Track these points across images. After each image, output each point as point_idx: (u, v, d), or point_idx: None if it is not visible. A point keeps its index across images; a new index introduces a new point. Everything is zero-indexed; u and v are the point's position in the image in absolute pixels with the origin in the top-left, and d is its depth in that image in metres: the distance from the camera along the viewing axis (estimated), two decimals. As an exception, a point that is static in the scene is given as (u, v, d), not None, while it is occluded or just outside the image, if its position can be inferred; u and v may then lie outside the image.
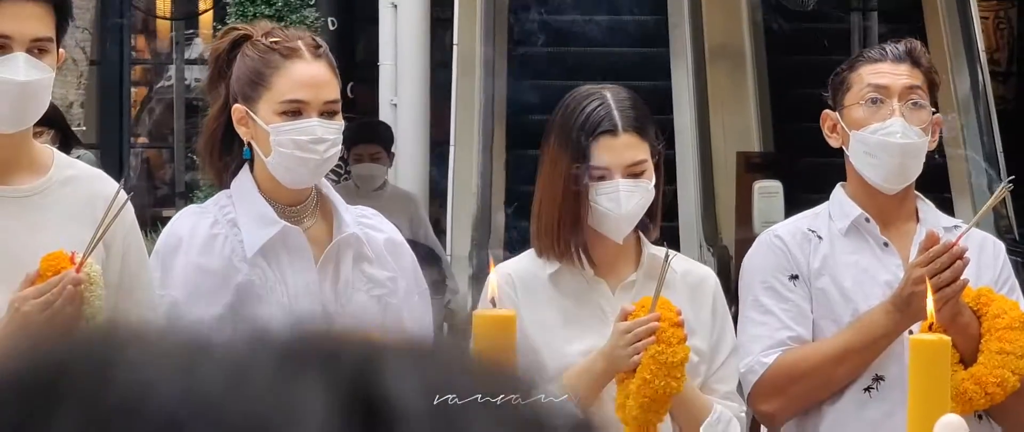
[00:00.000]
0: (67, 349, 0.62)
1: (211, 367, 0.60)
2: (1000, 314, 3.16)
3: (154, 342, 0.62)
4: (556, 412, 0.63)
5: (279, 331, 0.63)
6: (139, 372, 0.59)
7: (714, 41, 10.85)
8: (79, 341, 0.63)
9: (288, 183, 3.04)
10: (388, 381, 0.59)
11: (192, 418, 0.58)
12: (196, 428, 0.57)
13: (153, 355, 0.61)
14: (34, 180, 3.02)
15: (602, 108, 3.16)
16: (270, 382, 0.59)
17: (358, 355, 0.61)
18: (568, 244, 3.18)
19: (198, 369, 0.60)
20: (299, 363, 0.61)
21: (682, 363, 2.98)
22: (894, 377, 3.22)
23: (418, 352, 0.62)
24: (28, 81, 2.91)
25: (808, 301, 3.31)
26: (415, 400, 0.59)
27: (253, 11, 9.24)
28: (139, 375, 0.59)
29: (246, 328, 0.62)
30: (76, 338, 0.63)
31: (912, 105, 3.29)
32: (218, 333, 0.62)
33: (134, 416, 0.58)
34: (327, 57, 3.07)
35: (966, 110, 9.82)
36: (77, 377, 0.60)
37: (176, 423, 0.57)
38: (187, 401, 0.58)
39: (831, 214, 3.36)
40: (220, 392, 0.59)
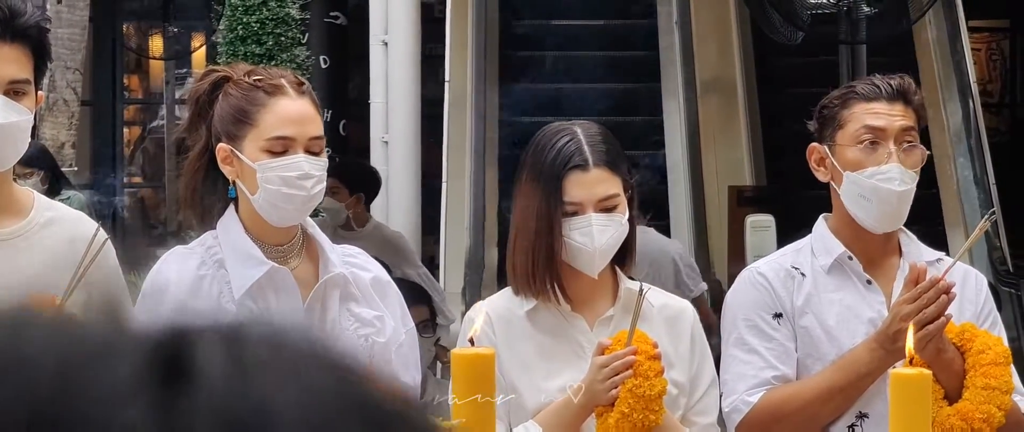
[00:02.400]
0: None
1: (30, 328, 0.65)
2: (984, 349, 3.15)
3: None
4: (358, 391, 0.66)
5: None
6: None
7: (705, 75, 10.87)
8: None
9: (275, 221, 3.04)
10: (193, 348, 0.64)
11: (1, 366, 0.63)
12: (4, 375, 0.62)
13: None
14: (14, 223, 3.01)
15: (572, 143, 3.16)
16: (82, 342, 0.65)
17: (170, 328, 0.66)
18: (543, 281, 3.17)
19: (18, 329, 0.65)
20: (113, 330, 0.66)
21: (660, 396, 2.98)
22: (878, 414, 3.20)
23: (227, 330, 0.66)
24: (5, 124, 2.90)
25: (792, 340, 3.29)
26: (217, 367, 0.63)
27: (244, 50, 9.26)
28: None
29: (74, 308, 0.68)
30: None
31: (907, 147, 3.27)
32: (41, 309, 0.68)
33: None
34: (310, 94, 3.08)
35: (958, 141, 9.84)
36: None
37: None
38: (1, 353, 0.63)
39: (813, 250, 3.35)
40: (34, 347, 0.64)
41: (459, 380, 2.67)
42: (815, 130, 3.36)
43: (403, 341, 3.14)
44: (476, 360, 2.65)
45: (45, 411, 0.61)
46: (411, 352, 3.17)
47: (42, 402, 0.61)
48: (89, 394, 0.61)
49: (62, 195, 6.56)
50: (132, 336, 0.65)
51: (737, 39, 11.05)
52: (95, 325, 0.66)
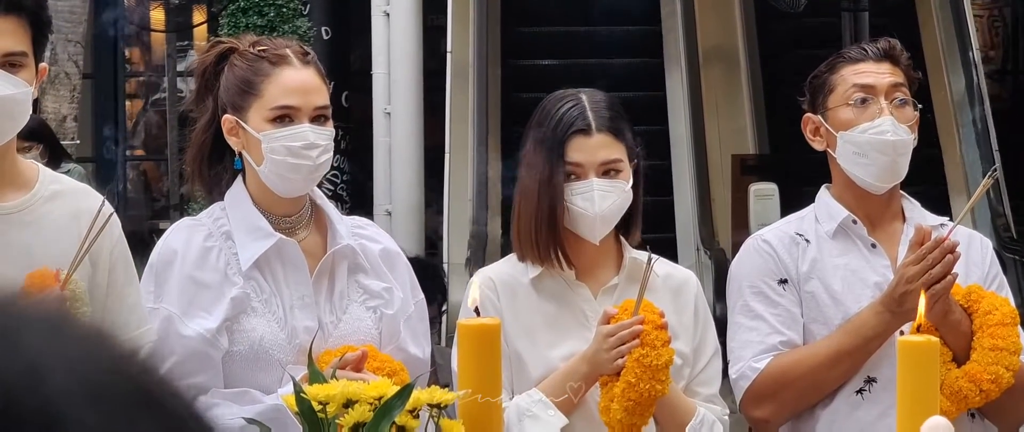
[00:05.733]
0: None
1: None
2: (991, 310, 3.15)
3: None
4: (106, 347, 0.68)
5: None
6: None
7: (708, 44, 10.85)
8: None
9: (281, 191, 3.03)
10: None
11: None
12: None
13: None
14: (19, 196, 3.00)
15: (576, 109, 3.17)
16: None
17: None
18: (547, 247, 3.18)
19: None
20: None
21: (667, 366, 2.98)
22: (886, 378, 3.21)
23: (7, 303, 0.68)
24: (2, 97, 2.89)
25: (798, 305, 3.30)
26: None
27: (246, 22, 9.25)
28: None
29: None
30: None
31: (898, 103, 3.29)
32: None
33: None
34: (315, 64, 3.07)
35: (961, 108, 9.83)
36: None
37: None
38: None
39: (817, 217, 3.36)
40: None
41: (465, 350, 2.67)
42: (807, 102, 3.37)
43: (412, 313, 3.14)
44: (482, 330, 2.65)
45: None
46: (420, 323, 3.17)
47: None
48: None
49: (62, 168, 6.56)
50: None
51: (739, 7, 11.03)
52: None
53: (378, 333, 3.06)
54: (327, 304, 3.05)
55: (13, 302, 0.67)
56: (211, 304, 2.98)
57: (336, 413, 2.53)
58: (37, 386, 0.63)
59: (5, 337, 0.64)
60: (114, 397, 0.65)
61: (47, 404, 0.62)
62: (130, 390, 0.66)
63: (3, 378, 0.62)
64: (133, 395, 0.66)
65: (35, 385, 0.63)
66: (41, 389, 0.63)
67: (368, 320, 3.06)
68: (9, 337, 0.64)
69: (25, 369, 0.63)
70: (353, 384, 2.57)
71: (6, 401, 0.62)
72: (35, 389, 0.62)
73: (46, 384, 0.63)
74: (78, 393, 0.63)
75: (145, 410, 0.66)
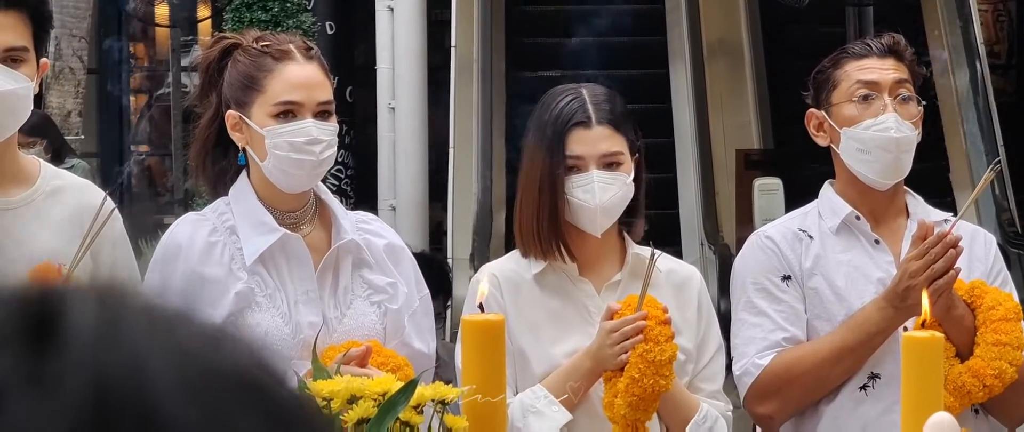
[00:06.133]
0: None
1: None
2: (995, 306, 3.15)
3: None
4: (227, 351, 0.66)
5: None
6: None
7: (712, 38, 10.85)
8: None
9: (285, 187, 3.04)
10: (65, 306, 0.63)
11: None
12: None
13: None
14: (20, 191, 3.01)
15: (576, 102, 3.17)
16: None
17: (43, 287, 0.66)
18: (549, 241, 3.18)
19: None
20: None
21: (670, 361, 2.98)
22: (890, 374, 3.21)
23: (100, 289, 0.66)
24: (2, 91, 2.89)
25: (801, 301, 3.30)
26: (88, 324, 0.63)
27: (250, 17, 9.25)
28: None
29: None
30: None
31: (902, 99, 3.29)
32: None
33: None
34: (319, 59, 3.07)
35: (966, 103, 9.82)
36: None
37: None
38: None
39: (821, 213, 3.36)
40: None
41: (469, 346, 2.67)
42: (811, 97, 3.37)
43: (417, 308, 3.14)
44: (486, 326, 2.65)
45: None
46: (425, 319, 3.17)
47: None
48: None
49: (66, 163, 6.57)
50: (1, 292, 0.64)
51: (744, 1, 11.02)
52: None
53: (382, 328, 3.06)
54: (331, 299, 3.05)
55: (114, 292, 0.66)
56: (215, 299, 2.98)
57: (340, 409, 2.53)
58: (137, 380, 0.62)
59: (106, 329, 0.63)
60: (216, 391, 0.64)
61: (146, 399, 0.62)
62: (234, 384, 0.65)
63: (103, 371, 0.61)
64: (236, 388, 0.65)
65: (135, 379, 0.62)
66: (141, 383, 0.62)
67: (372, 315, 3.06)
68: (110, 329, 0.63)
69: (126, 362, 0.62)
70: (357, 380, 2.57)
71: (105, 395, 0.61)
72: (135, 383, 0.62)
73: (147, 378, 0.62)
74: (179, 388, 0.62)
75: (249, 404, 0.65)
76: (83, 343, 0.62)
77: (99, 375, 0.61)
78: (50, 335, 0.62)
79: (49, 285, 0.65)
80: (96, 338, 0.62)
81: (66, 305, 0.63)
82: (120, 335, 0.63)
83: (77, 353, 0.61)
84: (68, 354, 0.61)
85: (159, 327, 0.65)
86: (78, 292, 0.65)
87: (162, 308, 0.67)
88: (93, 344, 0.62)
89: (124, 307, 0.65)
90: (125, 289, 0.67)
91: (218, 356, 0.65)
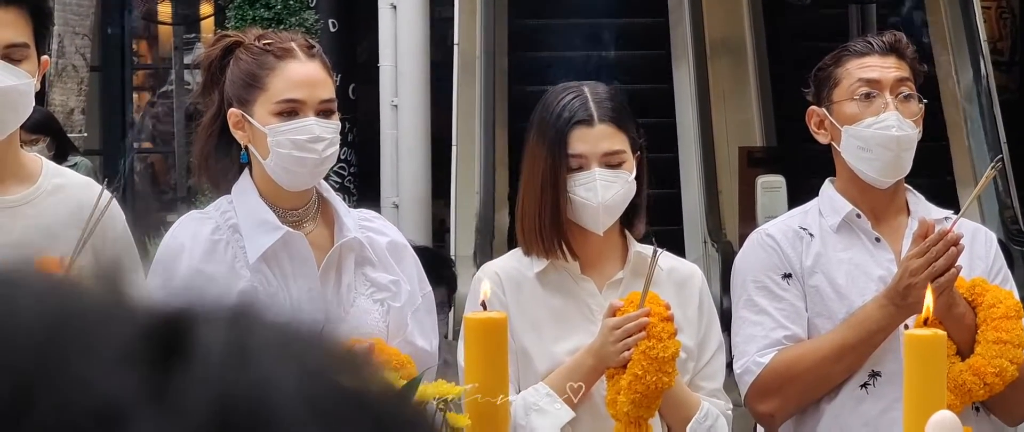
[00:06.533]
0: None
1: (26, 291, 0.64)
2: (995, 303, 3.15)
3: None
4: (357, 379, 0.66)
5: None
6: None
7: (715, 35, 10.85)
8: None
9: (287, 185, 3.04)
10: (194, 325, 0.63)
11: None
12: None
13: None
14: (22, 190, 3.01)
15: (578, 100, 3.17)
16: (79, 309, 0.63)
17: (172, 304, 0.65)
18: (551, 238, 3.18)
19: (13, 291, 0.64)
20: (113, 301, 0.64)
21: (673, 358, 2.98)
22: (891, 372, 3.21)
23: (232, 309, 0.66)
24: (3, 87, 2.90)
25: (802, 299, 3.30)
26: (217, 345, 0.62)
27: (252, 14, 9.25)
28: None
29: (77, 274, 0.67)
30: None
31: (903, 97, 3.29)
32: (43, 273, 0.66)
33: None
34: (321, 57, 3.07)
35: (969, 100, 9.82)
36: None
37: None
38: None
39: (821, 211, 3.36)
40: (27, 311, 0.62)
41: (472, 344, 2.67)
42: (812, 94, 3.37)
43: (419, 306, 3.14)
44: (488, 324, 2.65)
45: (31, 375, 0.59)
46: (428, 317, 3.17)
47: (28, 366, 0.60)
48: (78, 361, 0.60)
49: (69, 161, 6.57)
50: (132, 307, 0.64)
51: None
52: (94, 292, 0.64)
53: (385, 326, 3.06)
54: (334, 297, 3.05)
55: (246, 312, 0.65)
56: (218, 297, 2.98)
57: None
58: (263, 401, 0.61)
59: (234, 348, 0.62)
60: (342, 417, 0.63)
61: (271, 421, 0.61)
62: (360, 410, 0.64)
63: (228, 390, 0.61)
64: (363, 415, 0.64)
65: (261, 400, 0.61)
66: (267, 404, 0.61)
67: (375, 313, 3.06)
68: (239, 348, 0.62)
69: (252, 382, 0.61)
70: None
71: (229, 414, 0.60)
72: (260, 404, 0.61)
73: (272, 399, 0.61)
74: (305, 410, 0.62)
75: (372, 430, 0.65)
76: (210, 361, 0.61)
77: (224, 394, 0.61)
78: (178, 353, 0.61)
79: (180, 302, 0.65)
80: (223, 357, 0.62)
81: (196, 323, 0.63)
82: (248, 354, 0.62)
83: (203, 371, 0.61)
84: (194, 372, 0.61)
85: (289, 348, 0.64)
86: (209, 310, 0.65)
87: (295, 328, 0.66)
88: (220, 363, 0.62)
89: (255, 327, 0.65)
90: (259, 309, 0.66)
91: (347, 380, 0.65)
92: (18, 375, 0.60)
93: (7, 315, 0.62)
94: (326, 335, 0.67)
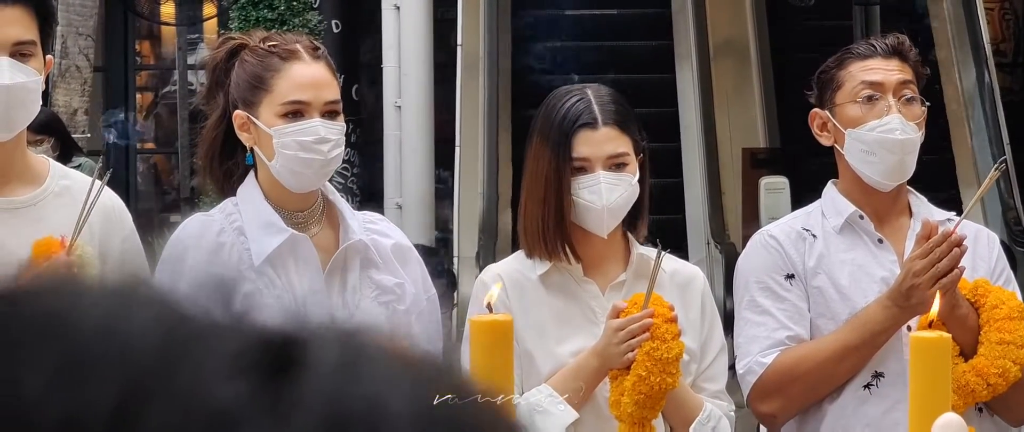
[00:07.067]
0: None
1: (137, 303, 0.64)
2: (998, 304, 3.16)
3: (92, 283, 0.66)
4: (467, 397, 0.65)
5: None
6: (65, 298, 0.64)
7: (718, 37, 10.85)
8: None
9: (293, 186, 3.04)
10: (306, 339, 0.63)
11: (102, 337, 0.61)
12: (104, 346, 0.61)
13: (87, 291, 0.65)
14: (29, 191, 3.01)
15: (582, 103, 3.18)
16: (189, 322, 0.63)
17: (284, 318, 0.65)
18: (554, 241, 3.18)
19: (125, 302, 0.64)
20: (225, 313, 0.65)
21: (677, 358, 2.99)
22: (894, 373, 3.21)
23: (341, 326, 0.66)
24: (12, 84, 2.90)
25: (804, 300, 3.30)
26: (327, 359, 0.62)
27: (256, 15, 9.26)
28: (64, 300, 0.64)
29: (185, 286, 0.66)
30: None
31: (906, 100, 3.29)
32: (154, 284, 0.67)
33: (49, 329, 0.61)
34: (326, 58, 3.08)
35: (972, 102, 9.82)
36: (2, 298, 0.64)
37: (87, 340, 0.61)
38: (104, 324, 0.62)
39: (824, 212, 3.36)
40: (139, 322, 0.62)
41: (477, 346, 2.67)
42: (815, 96, 3.37)
43: (424, 308, 3.14)
44: (494, 326, 2.65)
45: (144, 386, 0.60)
46: (432, 319, 3.17)
47: (141, 377, 0.60)
48: (190, 373, 0.60)
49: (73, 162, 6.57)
50: (245, 319, 0.64)
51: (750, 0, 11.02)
52: (204, 305, 0.65)
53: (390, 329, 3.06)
54: (339, 300, 3.05)
55: (360, 332, 0.66)
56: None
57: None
58: (372, 417, 0.61)
59: (347, 365, 0.63)
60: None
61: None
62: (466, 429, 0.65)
63: (339, 406, 0.61)
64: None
65: (370, 416, 0.61)
66: (376, 420, 0.61)
67: (380, 316, 3.06)
68: (351, 366, 0.63)
69: (362, 398, 0.62)
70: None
71: (340, 429, 0.61)
72: (370, 420, 0.61)
73: (381, 415, 0.61)
74: (412, 428, 0.62)
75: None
76: (322, 377, 0.62)
77: (335, 407, 0.61)
78: (290, 365, 0.62)
79: (294, 320, 0.65)
80: (335, 371, 0.62)
81: (308, 337, 0.63)
82: (361, 372, 0.63)
83: (315, 386, 0.61)
84: (306, 384, 0.61)
85: (399, 367, 0.64)
86: (321, 326, 0.65)
87: (410, 353, 0.66)
88: (332, 376, 0.62)
89: (366, 344, 0.65)
90: (372, 331, 0.67)
91: (461, 408, 0.65)
92: (133, 381, 0.60)
93: (123, 322, 0.62)
94: (436, 357, 0.67)
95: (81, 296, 0.64)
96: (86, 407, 0.59)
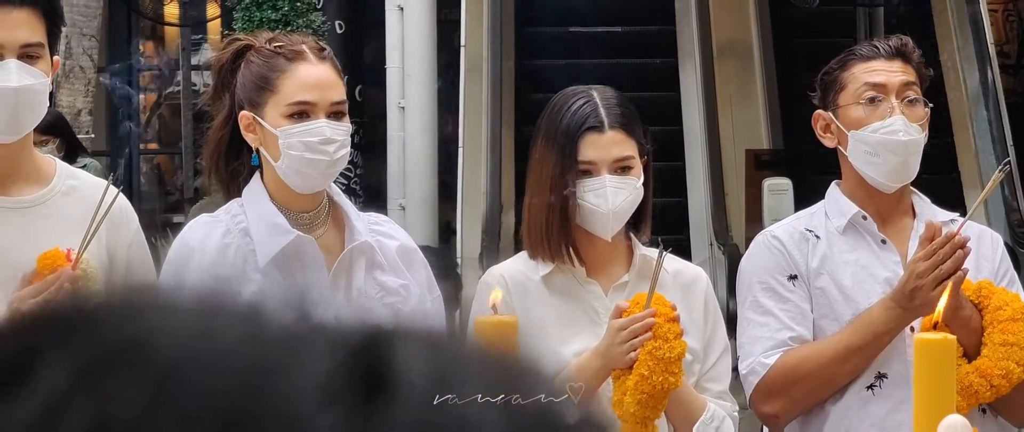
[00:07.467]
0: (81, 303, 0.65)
1: (220, 321, 0.63)
2: (1002, 306, 3.16)
3: (170, 301, 0.65)
4: (560, 411, 0.65)
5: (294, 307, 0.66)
6: (147, 320, 0.63)
7: (722, 38, 10.85)
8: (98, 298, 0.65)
9: (299, 187, 3.04)
10: (394, 357, 0.62)
11: (192, 362, 0.60)
12: (195, 372, 0.60)
13: (167, 311, 0.64)
14: (36, 190, 3.02)
15: (588, 106, 3.17)
16: (276, 341, 0.62)
17: (368, 331, 0.64)
18: (558, 244, 3.18)
19: (208, 322, 0.63)
20: (309, 329, 0.64)
21: (680, 358, 2.99)
22: (897, 374, 3.22)
23: (429, 339, 0.65)
24: (21, 87, 2.91)
25: (807, 301, 3.30)
26: (418, 379, 0.61)
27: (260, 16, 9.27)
28: (147, 323, 0.62)
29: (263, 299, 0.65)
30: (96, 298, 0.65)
31: (909, 101, 3.29)
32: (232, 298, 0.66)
33: (136, 355, 0.60)
34: (331, 59, 3.08)
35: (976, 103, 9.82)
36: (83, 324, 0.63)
37: (176, 366, 0.60)
38: (191, 348, 0.61)
39: (827, 213, 3.36)
40: (225, 344, 0.61)
41: (482, 347, 2.68)
42: (818, 98, 3.37)
43: (429, 310, 3.14)
44: (499, 327, 2.66)
45: (234, 411, 0.59)
46: (437, 321, 3.17)
47: (232, 402, 0.59)
48: (282, 397, 0.59)
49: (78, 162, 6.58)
50: (329, 337, 0.63)
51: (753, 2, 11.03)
52: (288, 321, 0.64)
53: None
54: (344, 301, 3.05)
55: (445, 342, 0.65)
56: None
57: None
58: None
59: (437, 383, 0.61)
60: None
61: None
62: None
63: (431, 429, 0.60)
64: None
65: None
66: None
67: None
68: (441, 383, 0.61)
69: (454, 423, 0.60)
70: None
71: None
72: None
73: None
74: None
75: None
76: (413, 398, 0.60)
77: None
78: (379, 386, 0.60)
79: (374, 329, 0.64)
80: (426, 392, 0.61)
81: (395, 354, 0.62)
82: (450, 389, 0.61)
83: (407, 411, 0.60)
84: (397, 410, 0.60)
85: (491, 382, 0.63)
86: (404, 335, 0.64)
87: (497, 363, 0.65)
88: (422, 399, 0.60)
89: (454, 359, 0.64)
90: (456, 339, 0.66)
91: (552, 421, 0.64)
92: (220, 409, 0.59)
93: (207, 346, 0.61)
94: (527, 368, 0.66)
95: (163, 318, 0.63)
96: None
